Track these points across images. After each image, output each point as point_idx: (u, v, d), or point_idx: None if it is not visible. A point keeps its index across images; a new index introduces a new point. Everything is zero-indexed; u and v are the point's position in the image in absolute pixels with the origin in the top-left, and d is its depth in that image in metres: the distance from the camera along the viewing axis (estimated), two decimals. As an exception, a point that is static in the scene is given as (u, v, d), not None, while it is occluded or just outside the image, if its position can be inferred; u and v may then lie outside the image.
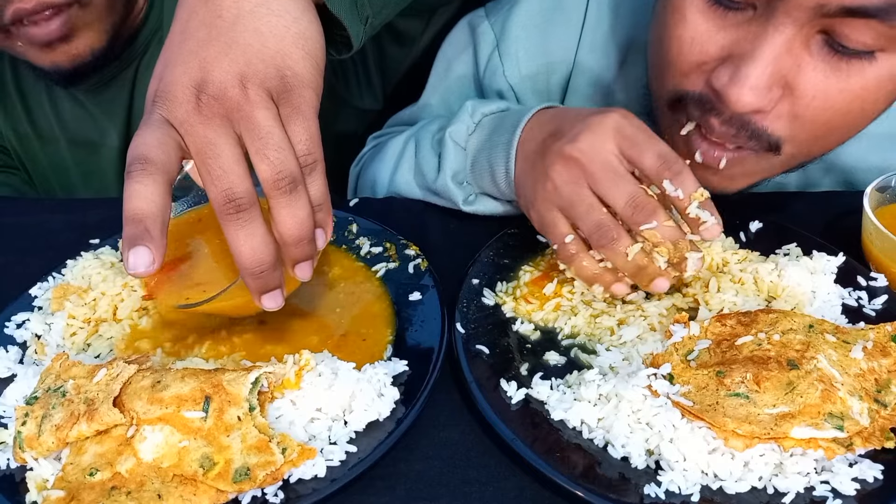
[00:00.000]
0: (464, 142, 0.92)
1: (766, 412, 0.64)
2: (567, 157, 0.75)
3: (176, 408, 0.63)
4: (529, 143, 0.83)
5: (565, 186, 0.75)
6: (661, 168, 0.72)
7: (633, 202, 0.72)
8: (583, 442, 0.66)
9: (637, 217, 0.72)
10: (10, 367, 0.73)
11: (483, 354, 0.74)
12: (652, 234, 0.72)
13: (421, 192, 0.99)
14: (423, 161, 0.98)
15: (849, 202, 0.90)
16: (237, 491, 0.60)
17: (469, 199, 0.93)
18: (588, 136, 0.74)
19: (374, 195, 1.07)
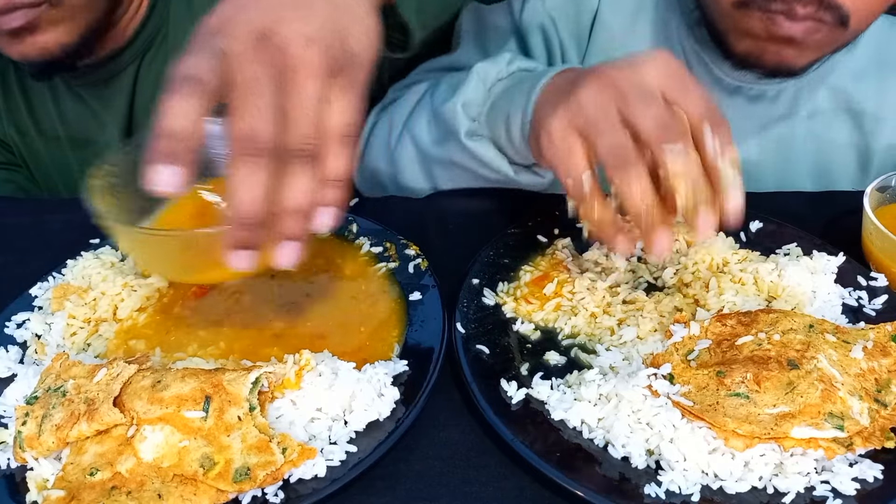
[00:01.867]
0: (489, 81, 0.89)
1: (766, 412, 0.64)
2: (601, 76, 0.69)
3: (176, 408, 0.63)
4: (555, 87, 0.77)
5: (591, 103, 0.68)
6: (705, 112, 0.67)
7: (663, 122, 0.66)
8: (583, 442, 0.66)
9: (664, 135, 0.65)
10: (10, 367, 0.73)
11: (483, 354, 0.74)
12: (674, 160, 0.64)
13: (435, 134, 0.94)
14: (438, 93, 0.95)
15: (849, 202, 0.90)
16: (237, 491, 0.60)
17: (473, 133, 0.88)
18: (631, 65, 0.69)
19: (388, 143, 1.03)
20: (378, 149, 1.05)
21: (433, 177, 0.99)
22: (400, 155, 1.01)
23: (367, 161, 1.08)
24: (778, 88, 1.02)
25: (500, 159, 0.88)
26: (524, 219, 0.91)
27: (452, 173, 0.95)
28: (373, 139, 1.08)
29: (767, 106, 1.04)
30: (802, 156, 1.07)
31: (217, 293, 0.83)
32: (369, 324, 0.79)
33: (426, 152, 0.96)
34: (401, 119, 1.01)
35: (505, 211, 0.97)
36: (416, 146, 0.98)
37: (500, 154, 0.88)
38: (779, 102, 1.03)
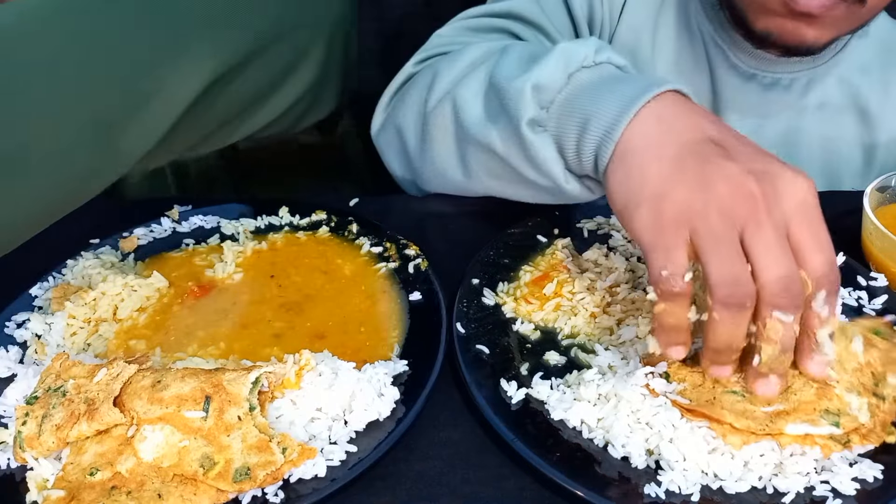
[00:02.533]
0: (573, 66, 0.74)
1: (761, 410, 0.64)
2: (742, 187, 0.60)
3: (176, 407, 0.63)
4: (666, 121, 0.67)
5: (720, 218, 0.60)
6: (825, 276, 0.61)
7: (789, 281, 0.59)
8: (582, 442, 0.66)
9: (781, 300, 0.59)
10: (10, 367, 0.73)
11: (483, 354, 0.74)
12: (776, 328, 0.60)
13: (483, 110, 0.80)
14: (504, 63, 0.80)
15: (849, 202, 0.90)
16: (237, 491, 0.60)
17: (537, 124, 0.74)
18: (774, 184, 0.61)
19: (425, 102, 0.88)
20: (411, 106, 0.92)
21: (466, 160, 0.85)
22: (435, 121, 0.87)
23: (395, 116, 0.95)
24: (791, 77, 1.03)
25: (557, 162, 0.75)
26: (524, 219, 0.91)
27: (489, 163, 0.82)
28: (407, 93, 0.94)
29: (780, 94, 1.05)
30: (809, 145, 1.08)
31: (217, 293, 0.83)
32: (369, 324, 0.79)
33: (467, 128, 0.81)
34: (447, 79, 0.86)
35: (505, 211, 0.97)
36: (457, 117, 0.83)
37: (559, 155, 0.75)
38: (791, 91, 1.04)
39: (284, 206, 0.95)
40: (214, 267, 0.86)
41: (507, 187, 0.84)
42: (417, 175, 0.96)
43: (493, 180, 0.84)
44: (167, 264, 0.87)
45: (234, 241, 0.90)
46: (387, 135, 0.98)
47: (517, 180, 0.80)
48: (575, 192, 0.77)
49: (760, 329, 0.60)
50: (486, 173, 0.84)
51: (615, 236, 0.89)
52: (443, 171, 0.89)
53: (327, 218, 0.93)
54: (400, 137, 0.94)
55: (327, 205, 0.95)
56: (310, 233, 0.92)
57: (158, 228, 0.92)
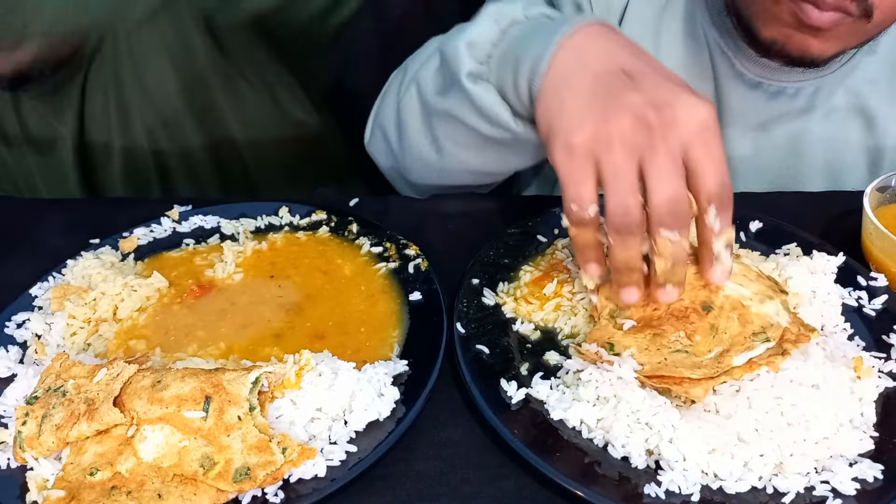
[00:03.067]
0: (504, 22, 0.81)
1: (706, 358, 0.68)
2: (642, 118, 0.66)
3: (176, 407, 0.63)
4: (584, 53, 0.72)
5: (621, 148, 0.66)
6: (716, 194, 0.67)
7: (675, 204, 0.66)
8: (582, 442, 0.66)
9: (667, 220, 0.66)
10: (10, 367, 0.73)
11: (483, 354, 0.74)
12: (665, 244, 0.67)
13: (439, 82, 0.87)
14: (449, 36, 0.87)
15: (849, 202, 0.90)
16: (237, 491, 0.60)
17: (476, 77, 0.80)
18: (673, 112, 0.66)
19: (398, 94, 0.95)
20: (389, 104, 0.98)
21: (434, 135, 0.90)
22: (405, 106, 0.93)
23: (378, 118, 1.02)
24: (797, 86, 1.03)
25: (501, 106, 0.80)
26: (524, 219, 0.91)
27: (451, 128, 0.87)
28: (386, 93, 1.02)
29: (786, 102, 1.04)
30: (815, 154, 1.08)
31: (217, 293, 0.83)
32: (369, 324, 0.79)
33: (427, 102, 0.88)
34: (413, 68, 0.95)
35: (505, 211, 0.97)
36: (420, 95, 0.90)
37: (503, 101, 0.80)
38: (797, 99, 1.04)
39: (284, 206, 0.94)
40: (214, 267, 0.86)
41: (477, 155, 0.88)
42: (402, 169, 0.99)
43: (462, 150, 0.88)
44: (167, 264, 0.87)
45: (233, 241, 0.90)
46: (375, 139, 1.03)
47: (480, 143, 0.85)
48: (528, 134, 0.81)
49: (653, 246, 0.67)
50: (453, 144, 0.88)
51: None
52: (419, 154, 0.93)
53: (327, 218, 0.93)
54: (385, 137, 0.99)
55: (327, 205, 0.95)
56: (310, 233, 0.92)
57: (158, 228, 0.92)
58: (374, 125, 1.03)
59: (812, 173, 1.09)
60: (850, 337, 0.76)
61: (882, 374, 0.72)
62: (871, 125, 1.06)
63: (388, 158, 1.02)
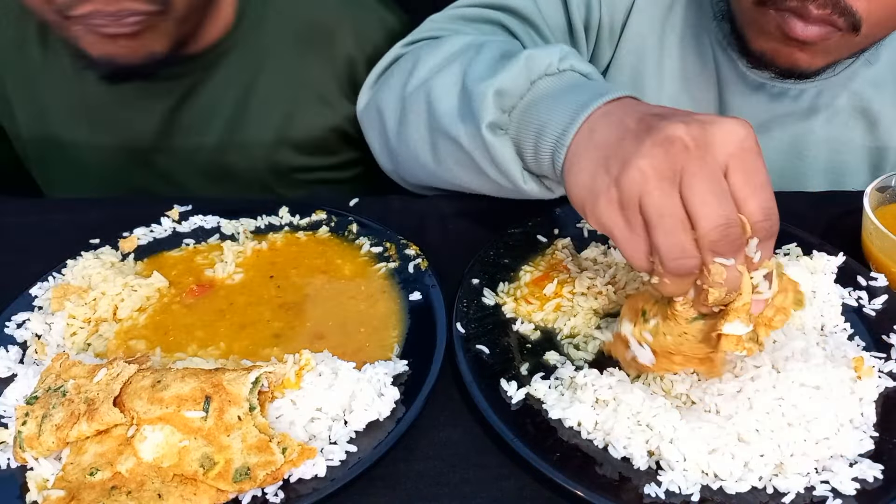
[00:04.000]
0: (535, 73, 0.77)
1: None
2: (676, 144, 0.61)
3: (176, 407, 0.63)
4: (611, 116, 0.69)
5: (658, 182, 0.61)
6: (758, 223, 0.61)
7: (728, 228, 0.59)
8: (582, 442, 0.66)
9: (721, 247, 0.60)
10: (10, 367, 0.73)
11: (483, 354, 0.74)
12: (720, 272, 0.61)
13: (454, 106, 0.83)
14: (477, 64, 0.83)
15: (849, 202, 0.90)
16: (237, 491, 0.60)
17: (497, 127, 0.78)
18: (708, 132, 0.61)
19: (405, 86, 0.91)
20: (392, 88, 0.95)
21: (436, 147, 0.88)
22: (411, 107, 0.90)
23: (378, 97, 0.99)
24: (800, 88, 1.03)
25: (515, 163, 0.78)
26: (524, 219, 0.91)
27: (456, 154, 0.84)
28: (391, 75, 0.97)
29: (789, 104, 1.05)
30: (817, 155, 1.08)
31: (216, 293, 0.83)
32: (369, 324, 0.79)
33: (438, 120, 0.85)
34: (426, 68, 0.89)
35: (505, 211, 0.97)
36: (430, 108, 0.86)
37: (517, 158, 0.78)
38: (800, 102, 1.05)
39: (284, 206, 0.94)
40: (215, 267, 0.86)
41: (472, 179, 0.86)
42: (394, 156, 0.98)
43: (461, 170, 0.87)
44: (167, 264, 0.87)
45: (233, 242, 0.90)
46: (369, 113, 1.01)
47: (481, 173, 0.83)
48: (533, 192, 0.80)
49: (706, 275, 0.61)
50: (454, 162, 0.87)
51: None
52: (416, 154, 0.91)
53: (327, 218, 0.93)
54: (380, 117, 0.97)
55: (327, 205, 0.95)
56: (310, 233, 0.92)
57: (158, 228, 0.92)
58: (370, 100, 1.01)
59: (814, 175, 1.09)
60: (850, 337, 0.76)
61: (882, 374, 0.72)
62: (873, 127, 1.06)
63: (380, 137, 1.00)
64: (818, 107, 1.05)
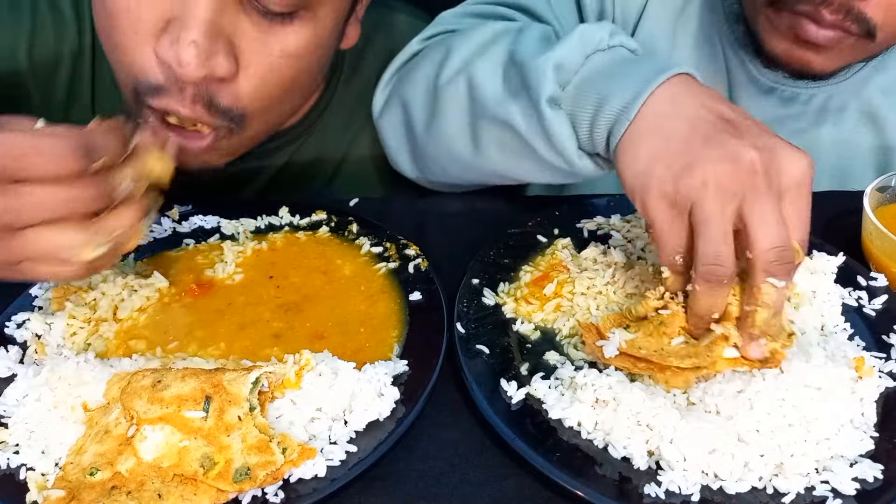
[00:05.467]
0: (590, 48, 0.77)
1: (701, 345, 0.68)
2: (746, 163, 0.63)
3: (176, 407, 0.63)
4: (678, 101, 0.70)
5: (718, 194, 0.63)
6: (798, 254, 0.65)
7: (783, 251, 0.63)
8: (582, 442, 0.66)
9: (775, 268, 0.63)
10: (10, 367, 0.73)
11: (483, 354, 0.74)
12: (770, 292, 0.64)
13: (501, 86, 0.82)
14: (524, 41, 0.82)
15: (849, 202, 0.90)
16: (237, 491, 0.60)
17: (555, 102, 0.76)
18: (777, 159, 0.64)
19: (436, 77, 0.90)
20: (420, 81, 0.93)
21: (477, 134, 0.86)
22: (447, 96, 0.88)
23: (401, 91, 0.96)
24: (810, 93, 1.04)
25: (571, 139, 0.77)
26: (524, 219, 0.91)
27: (502, 137, 0.83)
28: (416, 67, 0.95)
29: (799, 108, 1.05)
30: (826, 160, 1.08)
31: (216, 293, 0.83)
32: (369, 324, 0.79)
33: (483, 104, 0.83)
34: (461, 55, 0.88)
35: (505, 211, 0.97)
36: (472, 93, 0.84)
37: (573, 133, 0.77)
38: (810, 106, 1.05)
39: (284, 206, 0.94)
40: (215, 267, 0.86)
41: (516, 163, 0.85)
42: (420, 151, 0.96)
43: (503, 155, 0.85)
44: (167, 264, 0.87)
45: (233, 241, 0.90)
46: (390, 112, 0.99)
47: (528, 155, 0.82)
48: (587, 169, 0.79)
49: (756, 294, 0.64)
50: (497, 148, 0.85)
51: (615, 236, 0.89)
52: (449, 145, 0.90)
53: (327, 218, 0.93)
54: (405, 112, 0.95)
55: (327, 205, 0.95)
56: (310, 233, 0.92)
57: (158, 228, 0.92)
58: (391, 96, 0.99)
59: (821, 178, 1.08)
60: (851, 337, 0.76)
61: (882, 374, 0.72)
62: (881, 133, 1.06)
63: (404, 135, 0.98)
64: (827, 111, 1.05)
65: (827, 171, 1.08)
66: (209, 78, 0.76)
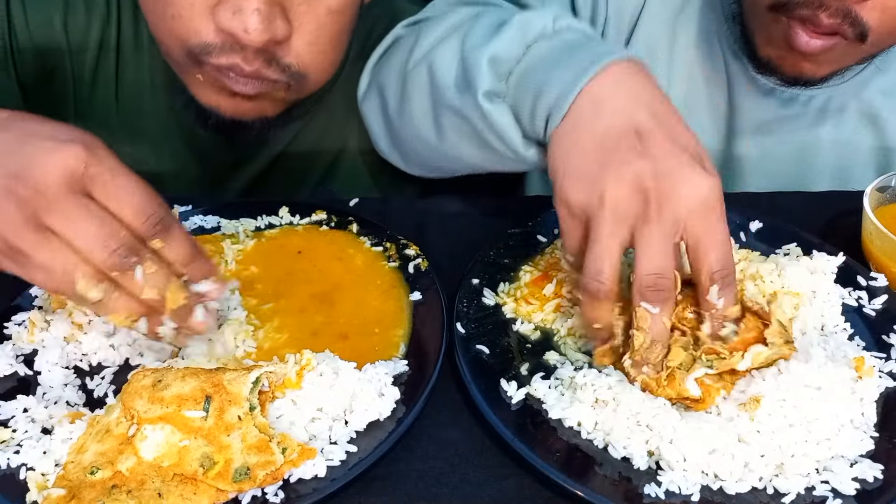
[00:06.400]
0: (530, 36, 0.77)
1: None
2: (640, 187, 0.64)
3: (177, 407, 0.63)
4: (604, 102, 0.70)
5: (611, 216, 0.65)
6: (717, 272, 0.66)
7: (659, 279, 0.65)
8: (582, 442, 0.66)
9: (648, 294, 0.66)
10: (10, 366, 0.73)
11: (483, 354, 0.74)
12: (644, 316, 0.66)
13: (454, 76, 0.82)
14: (473, 32, 0.82)
15: (849, 202, 0.90)
16: (237, 490, 0.60)
17: (494, 95, 0.77)
18: (673, 185, 0.64)
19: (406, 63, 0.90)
20: (393, 66, 0.94)
21: (439, 121, 0.86)
22: (413, 82, 0.89)
23: (378, 76, 0.98)
24: (810, 94, 1.04)
25: (514, 129, 0.77)
26: (524, 219, 0.91)
27: (461, 127, 0.83)
28: (392, 53, 0.97)
29: (798, 109, 1.05)
30: (825, 161, 1.08)
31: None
32: (383, 322, 0.78)
33: (441, 93, 0.84)
34: (427, 42, 0.89)
35: (505, 211, 0.97)
36: (432, 82, 0.85)
37: (516, 123, 0.77)
38: (809, 107, 1.05)
39: (284, 207, 0.94)
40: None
41: (475, 152, 0.85)
42: (395, 136, 0.97)
43: (463, 143, 0.85)
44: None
45: (233, 239, 0.90)
46: (370, 96, 1.00)
47: (483, 144, 0.82)
48: (535, 159, 0.79)
49: (634, 317, 0.67)
50: (457, 136, 0.85)
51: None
52: (418, 129, 0.90)
53: (327, 218, 0.93)
54: (381, 97, 0.97)
55: (327, 205, 0.95)
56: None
57: (158, 228, 0.91)
58: (370, 81, 1.01)
59: (821, 180, 1.09)
60: (851, 337, 0.76)
61: (882, 374, 0.72)
62: (882, 134, 1.06)
63: (381, 119, 0.99)
64: (827, 112, 1.05)
65: (827, 171, 1.08)
66: (271, 41, 0.82)
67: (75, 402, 0.70)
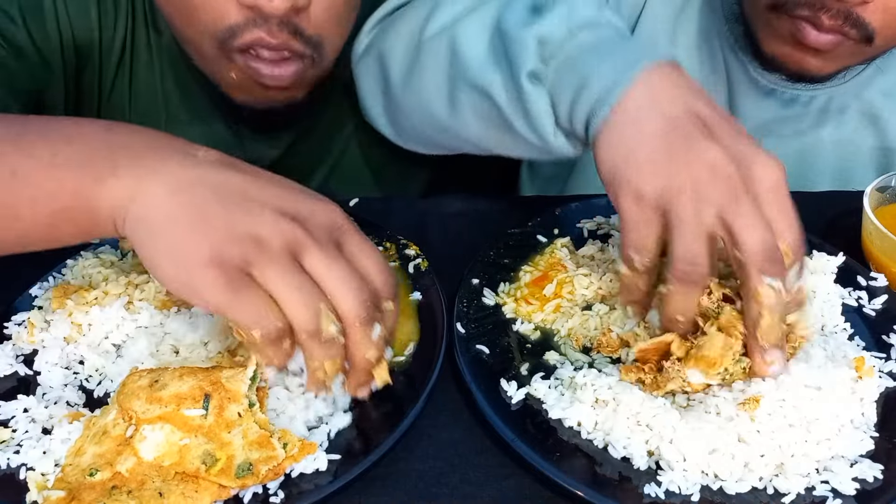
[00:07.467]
0: (576, 22, 0.74)
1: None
2: (721, 170, 0.63)
3: (175, 406, 0.63)
4: (658, 94, 0.68)
5: (693, 198, 0.63)
6: (797, 251, 0.65)
7: (772, 251, 0.63)
8: (582, 442, 0.66)
9: (768, 267, 0.62)
10: (10, 366, 0.73)
11: (483, 354, 0.74)
12: (769, 294, 0.62)
13: (485, 52, 0.79)
14: (513, 8, 0.79)
15: (849, 202, 0.90)
16: (240, 486, 0.60)
17: (535, 77, 0.74)
18: (750, 166, 0.64)
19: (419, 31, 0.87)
20: (402, 34, 0.90)
21: (455, 97, 0.83)
22: (429, 52, 0.85)
23: (381, 42, 0.94)
24: (810, 95, 1.04)
25: (549, 116, 0.74)
26: (524, 219, 0.91)
27: (480, 105, 0.80)
28: (400, 19, 0.93)
29: (799, 109, 1.05)
30: (826, 162, 1.08)
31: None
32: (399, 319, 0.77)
33: (465, 68, 0.80)
34: (449, 12, 0.85)
35: (505, 211, 0.97)
36: (454, 55, 0.81)
37: (552, 111, 0.74)
38: (810, 107, 1.05)
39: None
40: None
41: (491, 134, 0.83)
42: (394, 105, 0.95)
43: (479, 123, 0.83)
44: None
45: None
46: (367, 60, 0.98)
47: (504, 127, 0.79)
48: (562, 148, 0.77)
49: (755, 301, 0.63)
50: (474, 115, 0.82)
51: (615, 236, 0.89)
52: (427, 103, 0.87)
53: (327, 218, 0.93)
54: (381, 64, 0.93)
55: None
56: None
57: (159, 228, 0.91)
58: (370, 46, 0.98)
59: (822, 181, 1.09)
60: (851, 337, 0.76)
61: (882, 374, 0.72)
62: (883, 135, 1.06)
63: (378, 85, 0.96)
64: (828, 113, 1.05)
65: (828, 171, 1.08)
66: (292, 9, 0.83)
67: (75, 403, 0.70)
